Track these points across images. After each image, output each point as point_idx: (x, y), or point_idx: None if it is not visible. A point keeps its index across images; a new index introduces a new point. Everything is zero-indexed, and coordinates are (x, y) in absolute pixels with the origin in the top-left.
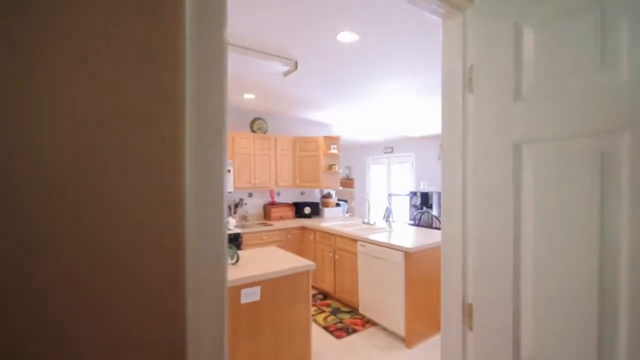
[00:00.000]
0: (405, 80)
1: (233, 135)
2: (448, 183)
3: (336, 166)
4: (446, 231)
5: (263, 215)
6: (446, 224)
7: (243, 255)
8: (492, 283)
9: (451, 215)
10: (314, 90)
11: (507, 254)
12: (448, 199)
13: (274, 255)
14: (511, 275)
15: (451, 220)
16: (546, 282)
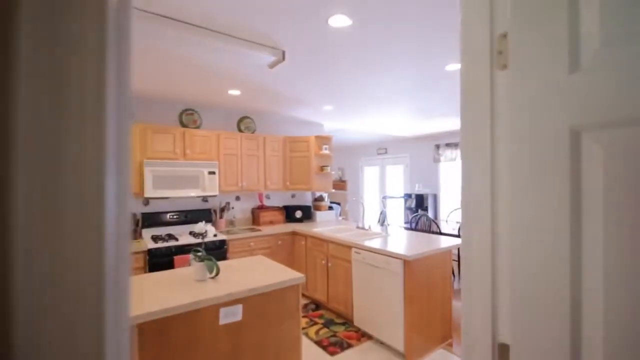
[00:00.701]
0: (402, 71)
1: (218, 135)
2: (470, 186)
3: (328, 167)
4: (468, 249)
5: (252, 220)
6: (468, 238)
7: (225, 267)
8: (542, 319)
9: (474, 228)
10: (303, 85)
11: (562, 282)
12: (471, 206)
13: (260, 267)
14: (568, 311)
15: (474, 234)
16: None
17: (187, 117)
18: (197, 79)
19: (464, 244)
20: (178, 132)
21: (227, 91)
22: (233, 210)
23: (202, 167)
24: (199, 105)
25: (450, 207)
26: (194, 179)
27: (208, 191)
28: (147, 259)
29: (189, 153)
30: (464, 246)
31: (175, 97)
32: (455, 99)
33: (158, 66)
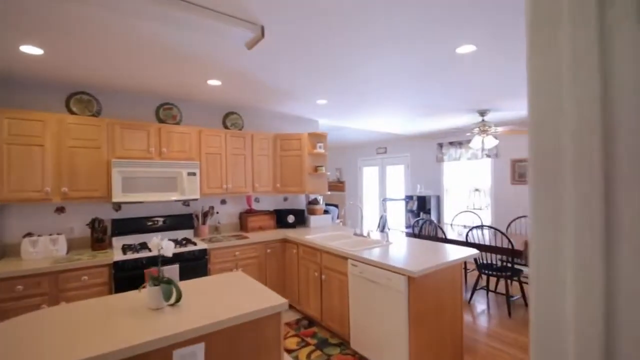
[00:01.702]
0: (404, 55)
1: (200, 131)
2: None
3: (323, 168)
4: (541, 272)
5: (239, 226)
6: (542, 253)
7: (190, 289)
8: None
9: (553, 237)
10: (288, 71)
11: None
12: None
13: (236, 287)
14: None
15: (558, 245)
16: None
17: (165, 112)
18: (170, 67)
19: (536, 266)
20: (153, 128)
21: (206, 81)
22: (218, 215)
23: (180, 168)
24: (178, 99)
25: (455, 210)
26: (172, 181)
27: (187, 194)
28: (113, 274)
29: (166, 152)
30: (535, 268)
31: (149, 89)
32: (466, 88)
33: (124, 52)
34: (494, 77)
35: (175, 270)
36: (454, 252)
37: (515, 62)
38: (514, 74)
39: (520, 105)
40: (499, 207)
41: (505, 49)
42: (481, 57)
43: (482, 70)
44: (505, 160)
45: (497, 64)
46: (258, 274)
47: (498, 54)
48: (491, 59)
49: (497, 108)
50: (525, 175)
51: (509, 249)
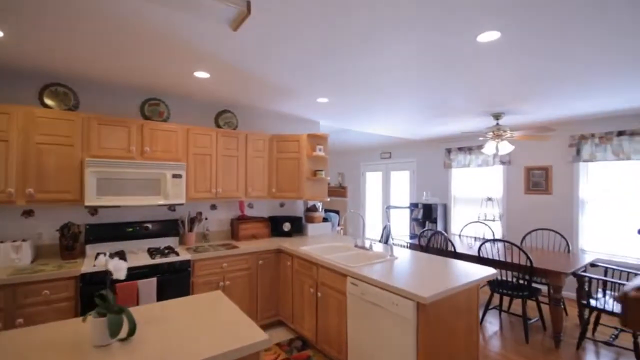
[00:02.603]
0: (416, 44)
1: (187, 130)
2: None
3: (323, 172)
4: None
5: (230, 233)
6: None
7: (150, 317)
8: None
9: None
10: (282, 60)
11: None
12: None
13: (210, 315)
14: None
15: None
16: None
17: (151, 109)
18: (151, 53)
19: None
20: (134, 124)
21: (193, 73)
22: (207, 221)
23: (164, 169)
24: (165, 94)
25: (464, 219)
26: (154, 184)
27: (171, 199)
28: (80, 287)
29: (148, 151)
30: None
31: (132, 82)
32: (482, 86)
33: (100, 35)
34: (515, 73)
35: (152, 285)
36: (468, 271)
37: (541, 52)
38: (537, 68)
39: (537, 109)
40: (512, 218)
41: (532, 37)
42: (504, 47)
43: (504, 63)
44: (519, 168)
45: (521, 55)
46: (248, 288)
47: (523, 43)
48: (516, 49)
49: (513, 111)
50: (540, 184)
51: (527, 267)
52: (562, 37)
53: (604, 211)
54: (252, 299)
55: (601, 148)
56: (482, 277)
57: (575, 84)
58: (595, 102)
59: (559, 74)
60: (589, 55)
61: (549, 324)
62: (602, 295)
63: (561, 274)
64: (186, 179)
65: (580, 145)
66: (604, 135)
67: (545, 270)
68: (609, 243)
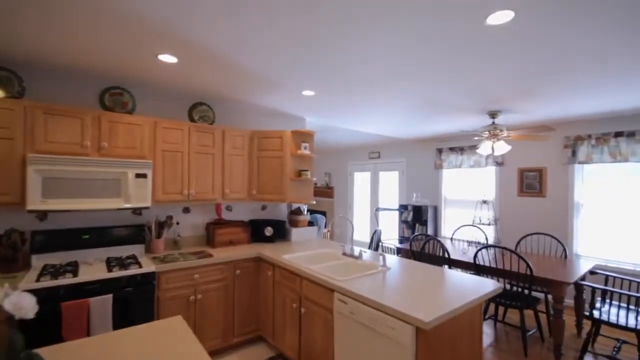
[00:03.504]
0: (411, 26)
1: (154, 123)
2: None
3: (308, 172)
4: None
5: (206, 239)
6: None
7: (85, 357)
8: None
9: None
10: (261, 46)
11: None
12: None
13: (164, 350)
14: None
15: None
16: None
17: (112, 98)
18: (108, 31)
19: None
20: (89, 115)
21: (157, 56)
22: (178, 226)
23: (126, 168)
24: (130, 82)
25: (455, 222)
26: (113, 185)
27: (134, 201)
28: None
29: (107, 147)
30: None
31: (90, 66)
32: (483, 80)
33: (45, 8)
34: (520, 64)
35: (107, 304)
36: (470, 284)
37: (551, 41)
38: (543, 61)
39: (536, 107)
40: (504, 221)
41: (547, 21)
42: (515, 32)
43: (511, 51)
44: (512, 170)
45: (530, 42)
46: (224, 301)
47: (536, 27)
48: (526, 34)
49: (510, 109)
50: (534, 186)
51: (526, 275)
52: (578, 25)
53: (599, 215)
54: (229, 314)
55: (598, 149)
56: (487, 293)
57: (583, 78)
58: (596, 101)
59: (566, 67)
60: (601, 47)
61: (546, 334)
62: (605, 306)
63: (563, 283)
64: (152, 179)
65: (576, 146)
66: (601, 136)
67: (547, 280)
68: (604, 248)
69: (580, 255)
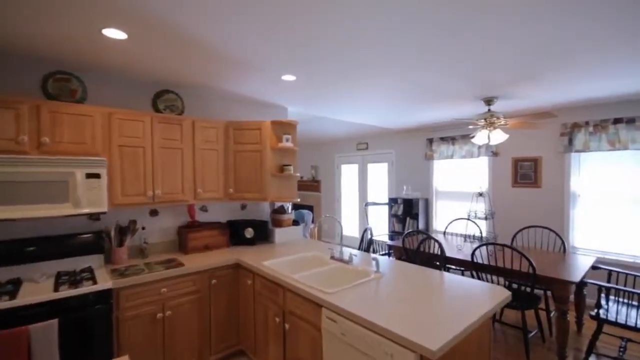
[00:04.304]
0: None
1: (109, 113)
2: None
3: (291, 167)
4: None
5: (178, 244)
6: None
7: None
8: None
9: None
10: (229, 20)
11: None
12: None
13: None
14: None
15: None
16: None
17: (57, 85)
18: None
19: None
20: (26, 105)
21: (101, 31)
22: (144, 232)
23: (73, 167)
24: (79, 66)
25: (447, 215)
26: (58, 188)
27: (85, 206)
28: None
29: (49, 142)
30: None
31: (26, 45)
32: (482, 61)
33: None
34: (523, 42)
35: (52, 331)
36: (476, 293)
37: (558, 13)
38: (547, 37)
39: (535, 92)
40: (499, 213)
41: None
42: (517, 2)
43: (519, 25)
44: (506, 159)
45: (537, 16)
46: (198, 316)
47: (538, 2)
48: (529, 10)
49: (507, 95)
50: (528, 176)
51: (528, 274)
52: (578, 5)
53: (597, 205)
54: (204, 330)
55: (596, 137)
56: (499, 303)
57: (583, 61)
58: (596, 84)
59: (566, 49)
60: (600, 30)
61: (547, 333)
62: (612, 304)
63: (568, 283)
64: (108, 179)
65: (572, 134)
66: (599, 123)
67: (550, 279)
68: (602, 240)
69: (577, 248)
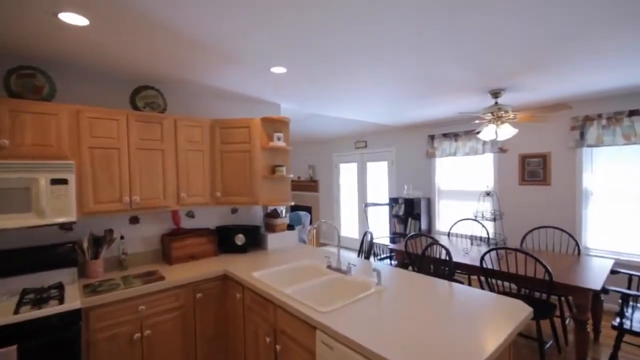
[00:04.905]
0: None
1: (77, 112)
2: None
3: (284, 168)
4: None
5: (161, 254)
6: None
7: None
8: None
9: None
10: (199, 1)
11: None
12: None
13: None
14: None
15: None
16: None
17: (20, 82)
18: None
19: None
20: None
21: (57, 15)
22: (122, 241)
23: (36, 172)
24: (43, 60)
25: (451, 215)
26: (19, 195)
27: (51, 216)
28: None
29: (9, 145)
30: None
31: None
32: (490, 48)
33: None
34: (531, 28)
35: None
36: (495, 309)
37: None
38: (559, 22)
39: (543, 83)
40: (506, 213)
41: None
42: None
43: (521, 13)
44: (513, 156)
45: None
46: (182, 335)
47: None
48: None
49: (515, 87)
50: (537, 174)
51: (544, 281)
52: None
53: (611, 203)
54: (188, 350)
55: (609, 131)
56: (519, 324)
57: (599, 46)
58: (611, 74)
59: (579, 34)
60: (616, 12)
61: (562, 342)
62: (632, 311)
63: (589, 291)
64: (77, 184)
65: (584, 128)
66: (613, 115)
67: (568, 286)
68: (617, 240)
69: (590, 249)
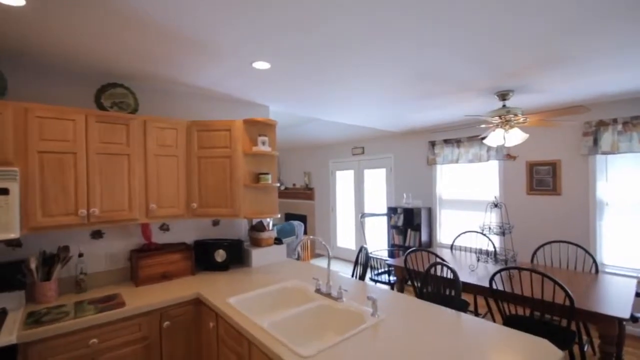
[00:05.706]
0: None
1: (25, 110)
2: None
3: (269, 176)
4: None
5: (129, 273)
6: None
7: None
8: None
9: None
10: None
11: None
12: None
13: None
14: None
15: None
16: None
17: None
18: None
19: None
20: None
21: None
22: (81, 259)
23: None
24: None
25: (453, 226)
26: None
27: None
28: None
29: None
30: None
31: None
32: (498, 39)
33: None
34: (543, 22)
35: None
36: (512, 352)
37: None
38: (574, 15)
39: (555, 84)
40: (513, 225)
41: None
42: None
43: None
44: (519, 164)
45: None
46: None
47: None
48: None
49: (525, 88)
50: (546, 183)
51: (564, 307)
52: None
53: (629, 215)
54: None
55: (626, 137)
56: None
57: (620, 40)
58: (629, 74)
59: (596, 27)
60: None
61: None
62: None
63: (616, 319)
64: (22, 195)
65: (598, 133)
66: (630, 120)
67: (592, 314)
68: (636, 256)
69: (606, 265)
